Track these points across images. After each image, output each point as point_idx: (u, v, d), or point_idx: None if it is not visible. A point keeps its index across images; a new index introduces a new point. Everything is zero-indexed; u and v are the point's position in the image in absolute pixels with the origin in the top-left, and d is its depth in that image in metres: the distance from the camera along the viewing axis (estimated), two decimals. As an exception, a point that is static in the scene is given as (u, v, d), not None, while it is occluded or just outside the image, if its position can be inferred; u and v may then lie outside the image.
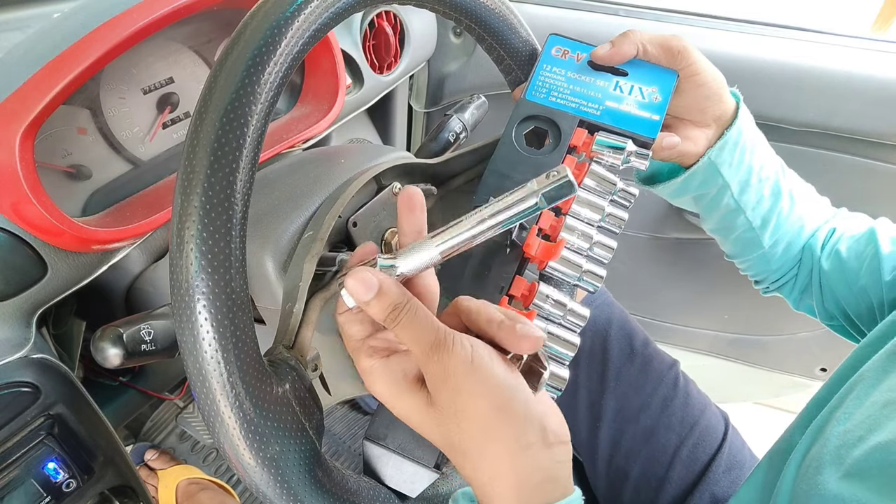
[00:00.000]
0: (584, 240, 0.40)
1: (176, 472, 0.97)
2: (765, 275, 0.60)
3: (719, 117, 0.49)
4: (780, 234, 0.56)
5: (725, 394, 1.21)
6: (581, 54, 0.47)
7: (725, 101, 0.49)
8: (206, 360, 0.27)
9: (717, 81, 0.48)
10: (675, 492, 0.60)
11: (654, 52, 0.46)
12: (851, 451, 0.35)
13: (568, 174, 0.28)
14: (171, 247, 0.28)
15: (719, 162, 0.50)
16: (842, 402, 0.40)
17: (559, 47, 0.48)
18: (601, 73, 0.47)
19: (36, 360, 0.44)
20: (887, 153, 0.84)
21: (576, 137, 0.44)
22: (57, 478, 0.42)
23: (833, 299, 0.55)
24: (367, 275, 0.29)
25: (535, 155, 0.43)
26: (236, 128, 0.28)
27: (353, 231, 0.45)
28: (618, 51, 0.46)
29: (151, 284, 0.56)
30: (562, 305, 0.38)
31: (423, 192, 0.49)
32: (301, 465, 0.29)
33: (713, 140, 0.50)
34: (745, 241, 0.57)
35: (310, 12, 0.31)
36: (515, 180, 0.42)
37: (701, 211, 0.57)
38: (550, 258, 0.39)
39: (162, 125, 0.55)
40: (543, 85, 0.46)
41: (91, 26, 0.42)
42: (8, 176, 0.39)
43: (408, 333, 0.29)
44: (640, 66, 0.47)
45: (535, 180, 0.29)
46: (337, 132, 0.83)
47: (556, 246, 0.39)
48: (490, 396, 0.28)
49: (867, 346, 0.44)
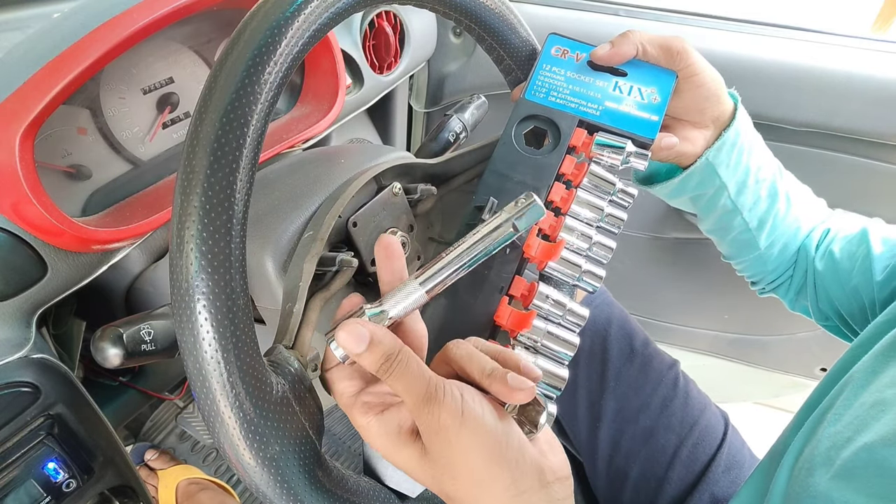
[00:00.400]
0: (584, 240, 0.40)
1: (176, 472, 0.97)
2: (761, 276, 0.60)
3: (717, 118, 0.49)
4: (776, 236, 0.56)
5: (725, 394, 1.21)
6: (581, 54, 0.47)
7: (724, 102, 0.49)
8: (206, 360, 0.27)
9: (715, 82, 0.48)
10: (674, 492, 0.60)
11: (653, 53, 0.46)
12: (840, 452, 0.35)
13: (535, 199, 0.30)
14: (171, 247, 0.28)
15: (717, 162, 0.50)
16: (833, 403, 0.40)
17: (559, 47, 0.48)
18: (600, 74, 0.47)
19: (36, 360, 0.44)
20: (887, 153, 0.84)
21: (575, 137, 0.44)
22: (57, 478, 0.42)
23: (827, 300, 0.55)
24: (357, 327, 0.29)
25: (535, 155, 0.43)
26: (236, 128, 0.28)
27: (353, 231, 0.45)
28: (617, 51, 0.46)
29: (151, 284, 0.56)
30: (561, 305, 0.38)
31: (423, 192, 0.49)
32: (301, 465, 0.29)
33: (711, 141, 0.50)
34: (742, 242, 0.57)
35: (310, 12, 0.31)
36: (515, 180, 0.42)
37: (698, 211, 0.57)
38: (550, 258, 0.39)
39: (162, 125, 0.55)
40: (543, 85, 0.46)
41: (91, 26, 0.42)
42: (8, 176, 0.39)
43: (400, 384, 0.29)
44: (640, 66, 0.47)
45: (505, 209, 0.30)
46: (337, 132, 0.83)
47: (556, 246, 0.39)
48: (481, 449, 0.28)
49: (858, 346, 0.44)
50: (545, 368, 0.36)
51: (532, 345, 0.37)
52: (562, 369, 0.36)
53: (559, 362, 0.37)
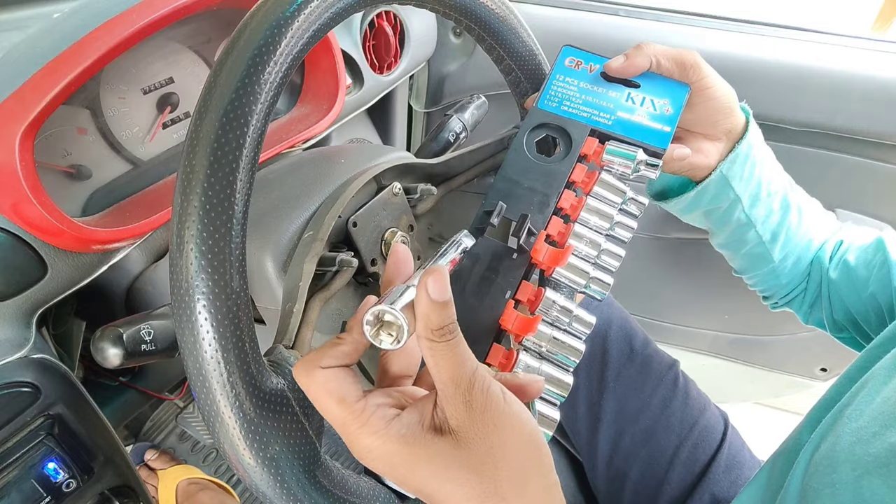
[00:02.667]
0: (592, 247, 0.40)
1: (176, 472, 0.97)
2: (774, 290, 0.60)
3: (730, 131, 0.49)
4: (789, 248, 0.56)
5: (725, 394, 1.21)
6: (594, 65, 0.48)
7: (736, 114, 0.49)
8: (206, 360, 0.27)
9: (728, 95, 0.48)
10: (674, 492, 0.60)
11: (666, 66, 0.46)
12: (867, 448, 0.35)
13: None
14: (171, 247, 0.28)
15: (731, 175, 0.50)
16: (852, 400, 0.40)
17: (572, 58, 0.48)
18: (613, 85, 0.47)
19: (36, 360, 0.44)
20: (887, 153, 0.84)
21: (587, 146, 0.44)
22: (57, 478, 0.42)
23: (842, 309, 0.55)
24: (443, 274, 0.26)
25: (546, 162, 0.43)
26: (236, 128, 0.28)
27: (353, 231, 0.45)
28: (631, 63, 0.46)
29: (151, 284, 0.56)
30: (568, 311, 0.38)
31: (423, 192, 0.49)
32: (301, 465, 0.29)
33: (724, 154, 0.50)
34: (755, 255, 0.57)
35: (310, 12, 0.31)
36: (525, 186, 0.42)
37: (711, 226, 0.58)
38: (557, 264, 0.39)
39: (162, 125, 0.55)
40: (556, 94, 0.46)
41: (91, 26, 0.42)
42: (8, 176, 0.39)
43: (449, 358, 0.26)
44: (653, 78, 0.47)
45: None
46: (337, 132, 0.83)
47: (564, 252, 0.39)
48: (525, 433, 0.27)
49: (876, 346, 0.44)
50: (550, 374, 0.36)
51: (537, 350, 0.37)
52: (567, 375, 0.36)
53: (564, 368, 0.37)
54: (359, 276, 0.47)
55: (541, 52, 0.52)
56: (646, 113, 0.46)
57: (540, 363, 0.36)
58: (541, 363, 0.36)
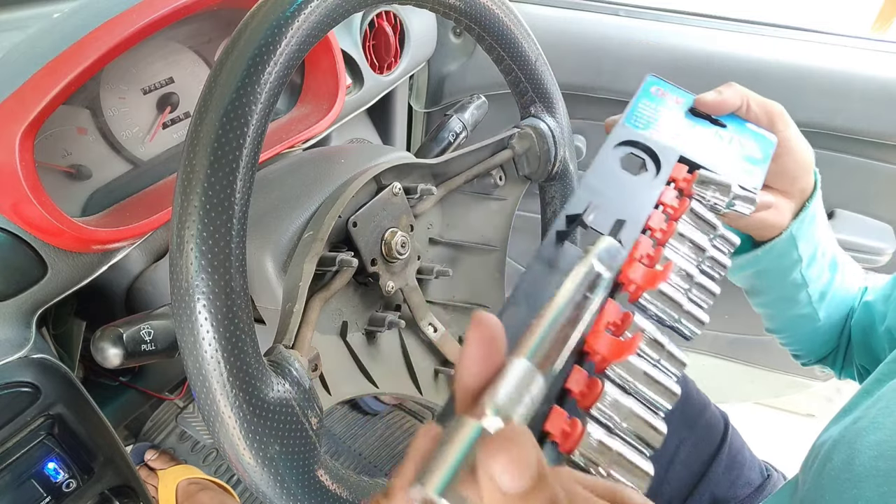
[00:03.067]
0: (684, 279, 0.34)
1: (176, 472, 0.98)
2: (809, 348, 0.58)
3: (803, 189, 0.48)
4: (833, 307, 0.54)
5: (725, 394, 1.21)
6: (679, 98, 0.46)
7: (811, 174, 0.48)
8: (206, 360, 0.27)
9: (809, 153, 0.47)
10: (674, 492, 0.60)
11: (755, 111, 0.45)
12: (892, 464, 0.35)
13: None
14: (171, 247, 0.28)
15: (798, 235, 0.48)
16: (867, 413, 0.40)
17: (658, 87, 0.46)
18: (700, 120, 0.45)
19: (36, 360, 0.44)
20: (887, 153, 0.84)
21: (676, 171, 0.41)
22: (57, 478, 0.42)
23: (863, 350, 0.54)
24: (519, 447, 0.16)
25: (633, 179, 0.40)
26: (236, 127, 0.28)
27: (353, 231, 0.45)
28: (725, 99, 0.44)
29: (151, 284, 0.56)
30: (659, 346, 0.30)
31: (423, 192, 0.49)
32: (301, 466, 0.29)
33: (795, 213, 0.48)
34: (802, 316, 0.55)
35: (310, 12, 0.31)
36: (607, 196, 0.38)
37: (760, 285, 0.55)
38: (653, 285, 0.33)
39: (162, 125, 0.55)
40: (642, 116, 0.44)
41: (91, 26, 0.42)
42: (8, 176, 0.39)
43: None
44: (739, 122, 0.45)
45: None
46: (337, 132, 0.83)
47: (662, 271, 0.32)
48: None
49: (893, 361, 0.43)
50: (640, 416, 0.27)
51: (622, 384, 0.28)
52: (658, 421, 0.27)
53: (655, 412, 0.28)
54: (359, 276, 0.47)
55: (541, 53, 0.52)
56: (736, 152, 0.43)
57: (627, 399, 0.27)
58: (627, 398, 0.27)
